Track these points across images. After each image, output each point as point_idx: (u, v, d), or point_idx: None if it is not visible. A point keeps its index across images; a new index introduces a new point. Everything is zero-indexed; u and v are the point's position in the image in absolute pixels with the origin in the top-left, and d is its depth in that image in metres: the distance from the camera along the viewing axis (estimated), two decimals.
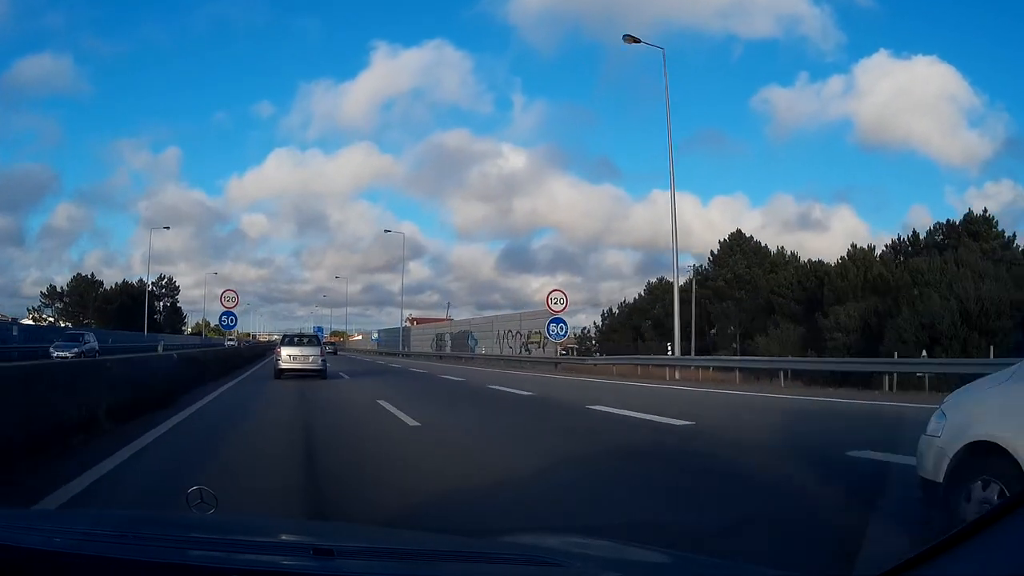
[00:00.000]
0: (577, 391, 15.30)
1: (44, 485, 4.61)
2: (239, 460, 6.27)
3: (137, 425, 7.93)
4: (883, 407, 11.14)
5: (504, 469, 5.88)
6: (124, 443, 6.61)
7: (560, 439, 7.68)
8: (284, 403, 12.02)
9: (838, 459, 5.91)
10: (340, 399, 13.26)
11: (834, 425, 9.12)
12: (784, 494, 4.76)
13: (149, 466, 5.86)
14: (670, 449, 7.05)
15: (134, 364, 12.53)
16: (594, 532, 2.47)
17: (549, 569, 1.45)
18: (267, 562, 1.46)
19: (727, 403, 12.45)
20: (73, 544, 1.40)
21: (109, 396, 8.06)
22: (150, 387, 10.37)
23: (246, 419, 9.59)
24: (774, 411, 10.74)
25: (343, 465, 6.12)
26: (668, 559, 1.76)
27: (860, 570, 1.64)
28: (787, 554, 2.93)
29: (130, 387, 9.38)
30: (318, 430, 8.55)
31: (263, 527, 2.14)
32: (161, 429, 7.87)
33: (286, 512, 4.25)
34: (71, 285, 73.51)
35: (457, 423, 9.69)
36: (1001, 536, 1.05)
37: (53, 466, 5.38)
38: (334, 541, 1.65)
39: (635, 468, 5.99)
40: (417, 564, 1.52)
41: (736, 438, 7.72)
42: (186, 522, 1.84)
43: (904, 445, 4.43)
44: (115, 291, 72.76)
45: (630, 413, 9.97)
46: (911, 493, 3.30)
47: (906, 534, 3.12)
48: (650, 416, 9.44)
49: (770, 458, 6.21)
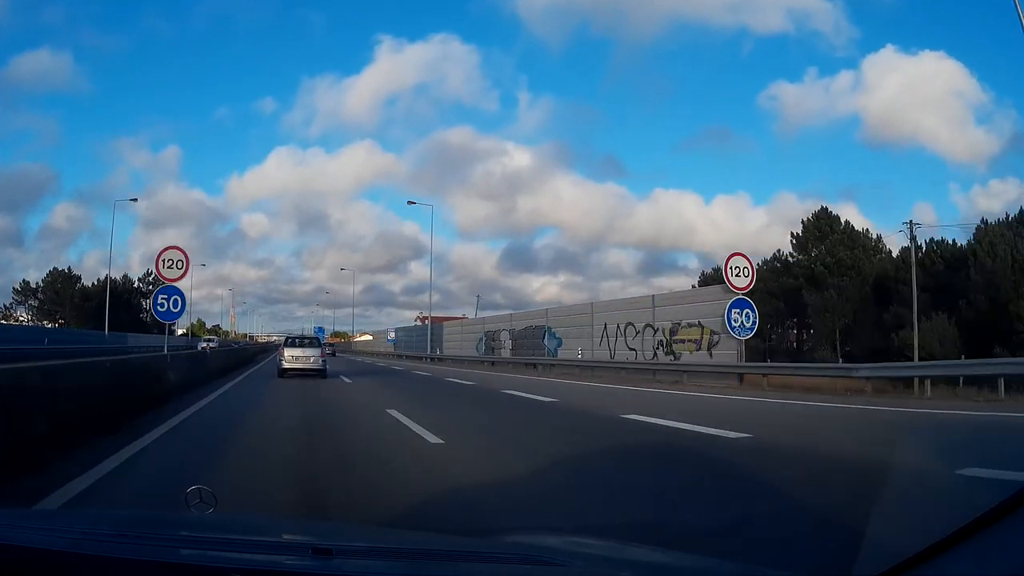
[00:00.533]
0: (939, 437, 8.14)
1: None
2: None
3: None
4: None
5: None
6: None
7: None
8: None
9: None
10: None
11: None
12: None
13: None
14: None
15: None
16: (594, 532, 2.47)
17: (549, 569, 1.45)
18: (267, 562, 1.46)
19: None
20: (73, 544, 1.39)
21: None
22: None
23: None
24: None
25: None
26: (669, 559, 1.76)
27: (860, 570, 1.66)
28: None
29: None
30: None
31: (262, 527, 2.13)
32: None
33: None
34: (46, 281, 68.08)
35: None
36: (1001, 536, 1.06)
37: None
38: (333, 541, 1.65)
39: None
40: (417, 564, 1.52)
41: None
42: (185, 522, 1.83)
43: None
44: (96, 288, 65.52)
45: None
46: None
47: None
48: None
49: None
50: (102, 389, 8.04)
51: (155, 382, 10.78)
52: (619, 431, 8.38)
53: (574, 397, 13.39)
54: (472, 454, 6.68)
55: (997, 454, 6.48)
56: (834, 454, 6.46)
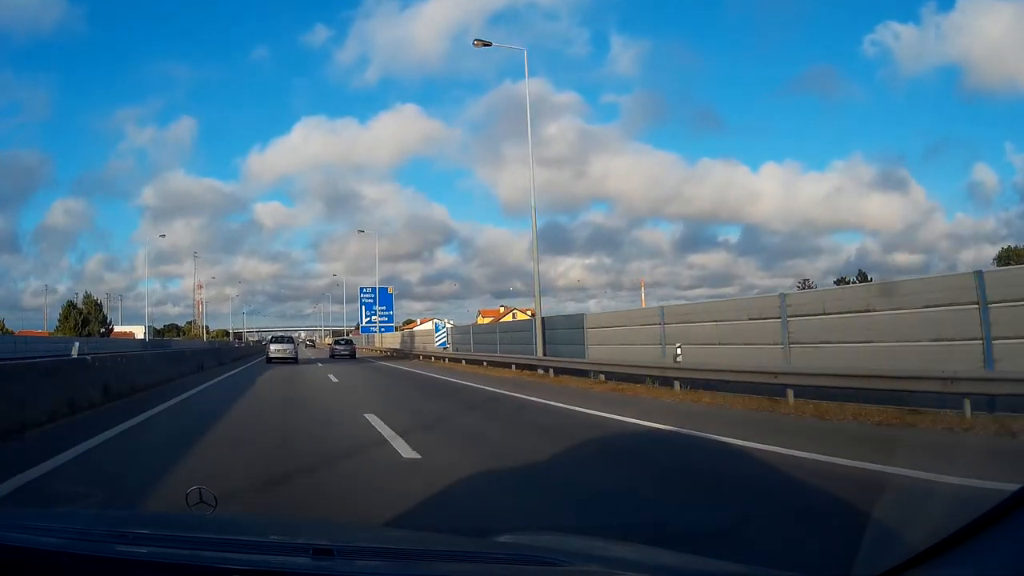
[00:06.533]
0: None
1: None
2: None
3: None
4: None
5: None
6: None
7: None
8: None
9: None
10: None
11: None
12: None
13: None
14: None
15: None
16: (594, 532, 2.45)
17: (548, 569, 1.45)
18: (267, 562, 1.46)
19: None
20: (72, 543, 1.40)
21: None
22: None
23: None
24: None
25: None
26: (668, 559, 1.76)
27: (860, 570, 1.64)
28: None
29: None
30: None
31: (263, 527, 2.14)
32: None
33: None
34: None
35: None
36: (1001, 536, 1.05)
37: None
38: (334, 541, 1.66)
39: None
40: (417, 564, 1.52)
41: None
42: (185, 522, 1.84)
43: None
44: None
45: None
46: None
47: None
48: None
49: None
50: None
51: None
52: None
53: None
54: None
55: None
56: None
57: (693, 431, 7.82)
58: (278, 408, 11.20)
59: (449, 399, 13.07)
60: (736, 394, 11.46)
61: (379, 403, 11.80)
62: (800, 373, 10.58)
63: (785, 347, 12.55)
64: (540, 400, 12.12)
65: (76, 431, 7.97)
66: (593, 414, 9.84)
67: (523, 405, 11.63)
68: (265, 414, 10.34)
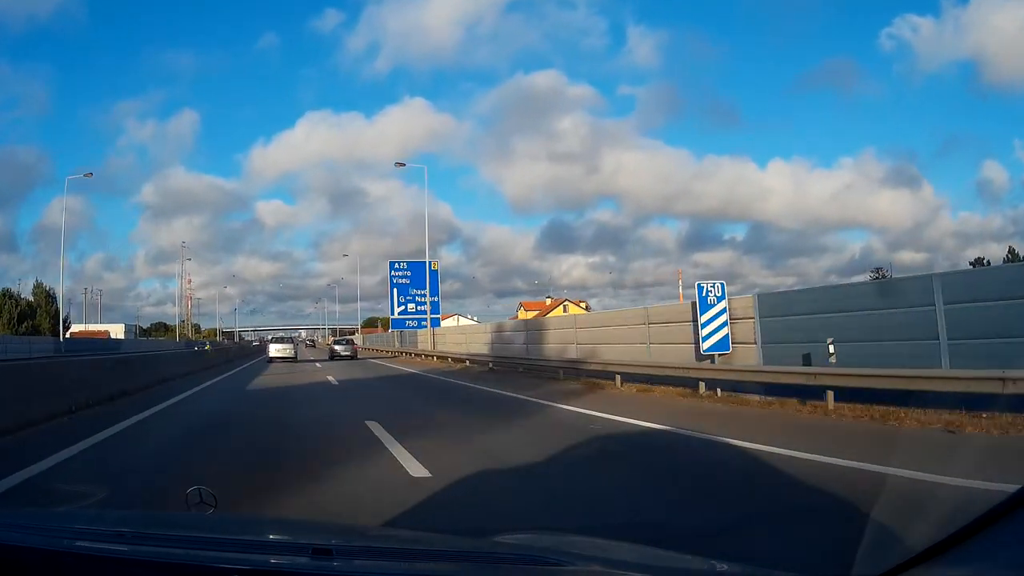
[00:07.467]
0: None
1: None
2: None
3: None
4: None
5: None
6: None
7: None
8: None
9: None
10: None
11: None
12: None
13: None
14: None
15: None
16: (593, 532, 2.45)
17: (548, 569, 1.45)
18: (267, 562, 1.46)
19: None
20: (73, 543, 1.40)
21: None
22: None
23: None
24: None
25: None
26: (668, 559, 1.75)
27: (860, 570, 1.64)
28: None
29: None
30: None
31: (262, 527, 2.13)
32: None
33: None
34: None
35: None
36: (1001, 536, 1.05)
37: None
38: (333, 541, 1.66)
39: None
40: (416, 564, 1.52)
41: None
42: (185, 522, 1.84)
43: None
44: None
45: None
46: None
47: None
48: None
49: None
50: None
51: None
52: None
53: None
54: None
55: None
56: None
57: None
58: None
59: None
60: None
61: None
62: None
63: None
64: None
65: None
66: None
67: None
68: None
